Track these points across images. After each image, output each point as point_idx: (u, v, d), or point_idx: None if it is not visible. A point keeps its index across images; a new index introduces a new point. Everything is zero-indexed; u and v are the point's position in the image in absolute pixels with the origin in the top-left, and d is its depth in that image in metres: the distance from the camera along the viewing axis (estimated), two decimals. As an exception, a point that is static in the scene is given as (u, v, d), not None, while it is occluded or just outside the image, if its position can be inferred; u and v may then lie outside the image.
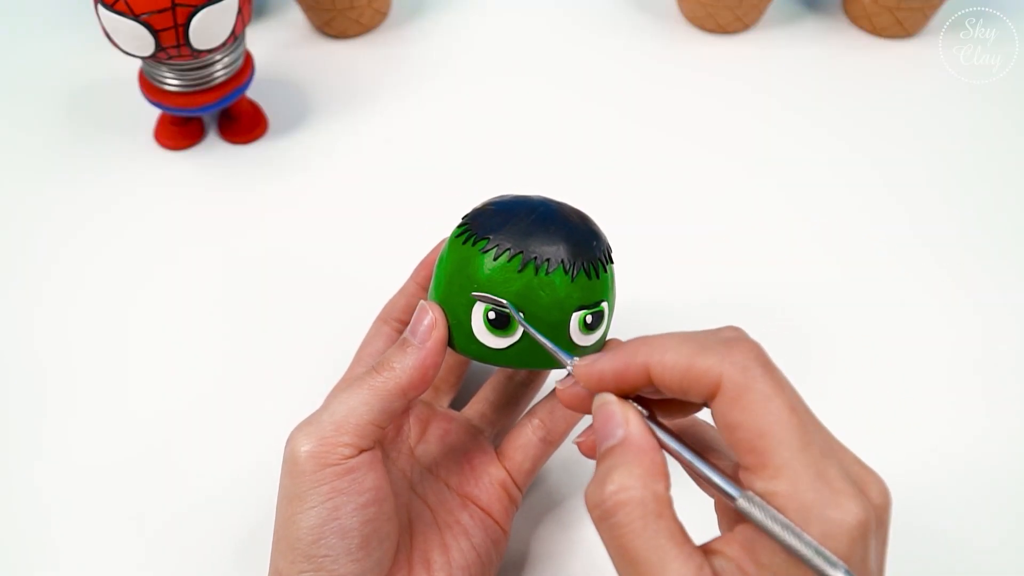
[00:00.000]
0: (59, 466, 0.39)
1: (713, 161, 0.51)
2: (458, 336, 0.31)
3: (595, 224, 0.32)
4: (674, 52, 0.58)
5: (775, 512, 0.22)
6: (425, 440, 0.35)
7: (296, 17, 0.60)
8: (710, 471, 0.24)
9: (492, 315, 0.30)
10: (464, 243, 0.31)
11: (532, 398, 0.38)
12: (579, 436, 0.28)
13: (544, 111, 0.54)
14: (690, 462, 0.25)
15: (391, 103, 0.55)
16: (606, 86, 0.56)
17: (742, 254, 0.47)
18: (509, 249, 0.30)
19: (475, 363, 0.40)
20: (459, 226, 0.32)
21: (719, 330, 0.26)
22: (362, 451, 0.29)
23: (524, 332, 0.30)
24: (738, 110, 0.54)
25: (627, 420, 0.25)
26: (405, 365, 0.30)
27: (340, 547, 0.28)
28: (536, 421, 0.34)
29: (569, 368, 0.28)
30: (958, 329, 0.44)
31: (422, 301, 0.31)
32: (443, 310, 0.31)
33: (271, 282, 0.45)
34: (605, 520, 0.24)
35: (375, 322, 0.38)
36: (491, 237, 0.30)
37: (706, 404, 0.25)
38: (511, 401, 0.37)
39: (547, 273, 0.29)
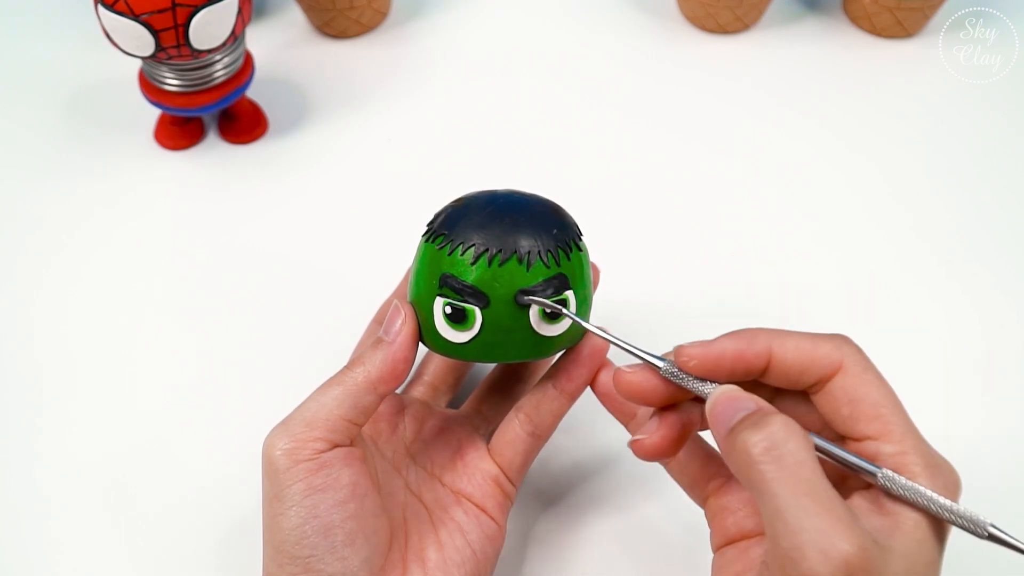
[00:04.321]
0: (56, 463, 0.39)
1: (713, 161, 0.51)
2: (426, 332, 0.31)
3: (563, 211, 0.32)
4: (674, 52, 0.58)
5: (915, 485, 0.25)
6: (420, 438, 0.36)
7: (296, 17, 0.60)
8: (844, 452, 0.27)
9: (448, 309, 0.30)
10: (427, 241, 0.32)
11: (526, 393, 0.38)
12: (636, 436, 0.30)
13: (544, 111, 0.54)
14: (821, 445, 0.27)
15: (391, 103, 0.55)
16: (606, 86, 0.56)
17: (742, 254, 0.47)
18: (462, 243, 0.30)
19: (477, 364, 0.40)
20: (426, 225, 0.33)
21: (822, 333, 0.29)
22: (335, 446, 0.29)
23: (482, 326, 0.30)
24: (738, 110, 0.54)
25: (756, 399, 0.27)
26: (375, 360, 0.30)
27: (323, 545, 0.28)
28: (522, 416, 0.34)
29: (662, 365, 0.29)
30: (958, 329, 0.44)
31: (396, 300, 0.32)
32: (414, 308, 0.32)
33: (271, 282, 0.45)
34: (770, 455, 0.25)
35: (371, 324, 0.38)
36: (447, 233, 0.31)
37: (808, 391, 0.29)
38: (505, 397, 0.37)
39: (500, 264, 0.30)
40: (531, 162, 0.51)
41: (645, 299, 0.44)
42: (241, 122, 0.52)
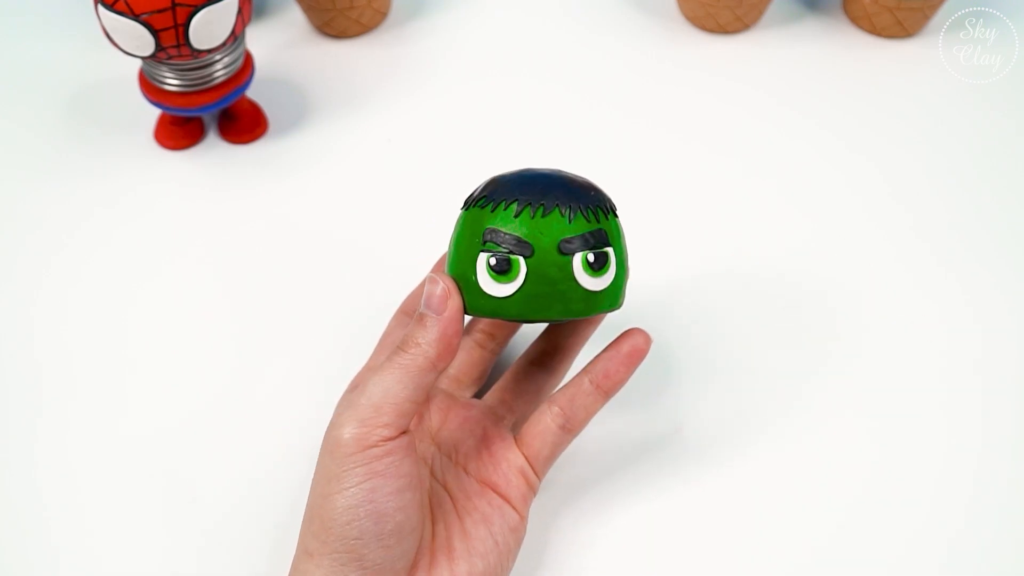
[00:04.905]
0: (55, 466, 0.39)
1: (713, 161, 0.51)
2: (468, 296, 0.31)
3: (595, 184, 0.33)
4: (674, 52, 0.58)
5: None
6: (445, 427, 0.36)
7: (296, 17, 0.60)
8: None
9: (492, 260, 0.30)
10: (467, 210, 0.32)
11: (554, 385, 0.38)
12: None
13: (544, 111, 0.54)
14: None
15: (391, 103, 0.55)
16: (606, 86, 0.56)
17: (742, 254, 0.47)
18: (504, 200, 0.31)
19: (501, 356, 0.40)
20: (464, 203, 0.33)
21: None
22: (402, 433, 0.30)
23: (527, 277, 0.30)
24: (738, 110, 0.54)
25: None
26: (429, 338, 0.30)
27: (372, 531, 0.29)
28: (556, 409, 0.34)
29: None
30: (958, 329, 0.44)
31: (430, 273, 0.32)
32: (453, 278, 0.32)
33: (272, 282, 0.45)
34: None
35: (397, 314, 0.38)
36: (487, 195, 0.32)
37: None
38: (531, 388, 0.37)
39: (543, 216, 0.30)
40: (531, 162, 0.51)
41: (645, 299, 0.44)
42: (241, 122, 0.52)
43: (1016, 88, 0.56)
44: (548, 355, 0.38)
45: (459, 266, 0.32)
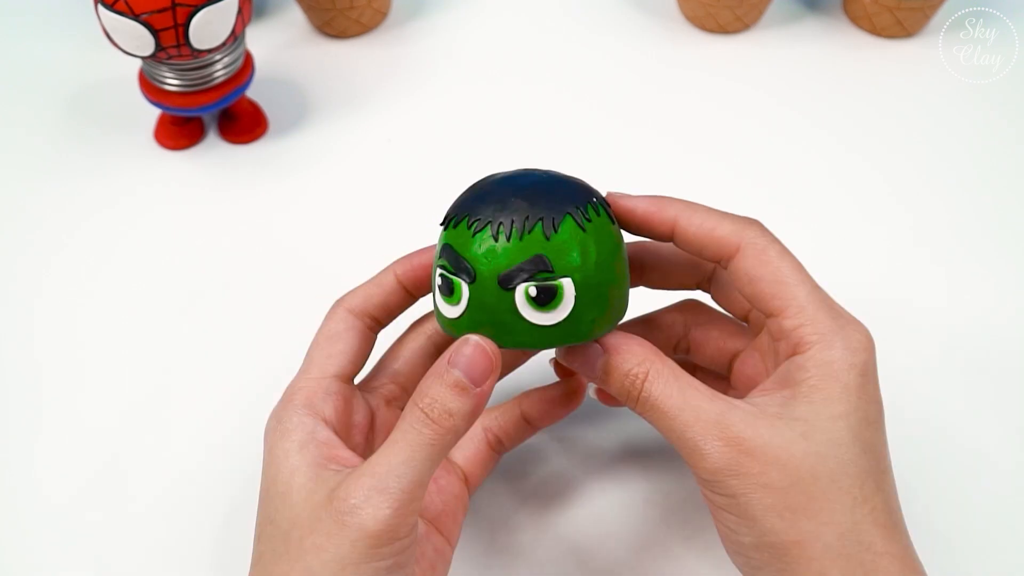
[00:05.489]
0: (57, 464, 0.39)
1: (713, 161, 0.51)
2: (436, 309, 0.29)
3: (578, 181, 0.30)
4: (674, 52, 0.58)
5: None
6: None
7: (296, 17, 0.60)
8: None
9: (439, 280, 0.28)
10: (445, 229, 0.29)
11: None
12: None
13: (544, 111, 0.54)
14: None
15: (391, 103, 0.55)
16: (606, 86, 0.56)
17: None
18: (461, 213, 0.28)
19: None
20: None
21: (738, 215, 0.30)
22: (420, 515, 0.28)
23: (469, 303, 0.27)
24: (738, 110, 0.54)
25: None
26: (464, 412, 0.27)
27: None
28: (486, 431, 0.34)
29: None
30: (957, 330, 0.44)
31: (474, 337, 0.27)
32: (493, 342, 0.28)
33: (271, 281, 0.45)
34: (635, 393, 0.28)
35: (340, 311, 0.33)
36: (459, 203, 0.29)
37: (716, 264, 0.31)
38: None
39: (492, 235, 0.27)
40: (531, 162, 0.51)
41: (643, 300, 0.44)
42: (241, 122, 0.52)
43: (1016, 88, 0.56)
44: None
45: (432, 279, 0.30)
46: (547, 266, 0.27)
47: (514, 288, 0.27)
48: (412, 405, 0.27)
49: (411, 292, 0.33)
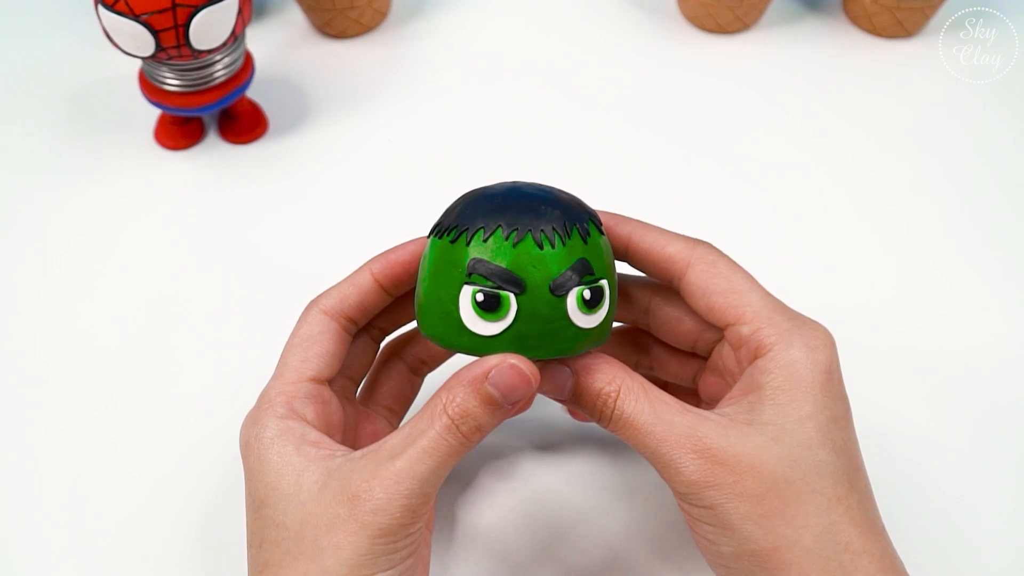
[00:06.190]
0: (59, 464, 0.39)
1: (713, 161, 0.51)
2: (446, 331, 0.28)
3: (576, 197, 0.30)
4: (674, 52, 0.58)
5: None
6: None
7: (296, 17, 0.60)
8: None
9: (480, 297, 0.27)
10: (439, 236, 0.29)
11: None
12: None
13: (544, 111, 0.54)
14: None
15: (391, 103, 0.55)
16: (606, 86, 0.56)
17: (740, 255, 0.47)
18: (486, 225, 0.27)
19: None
20: (433, 228, 0.30)
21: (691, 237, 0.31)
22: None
23: (517, 315, 0.27)
24: (738, 110, 0.54)
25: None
26: (493, 425, 0.27)
27: None
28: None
29: None
30: (956, 331, 0.44)
31: (514, 361, 0.27)
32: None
33: (271, 281, 0.45)
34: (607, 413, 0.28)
35: (315, 313, 0.32)
36: (466, 216, 0.28)
37: (669, 283, 0.31)
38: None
39: (537, 245, 0.27)
40: (531, 162, 0.51)
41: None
42: (241, 122, 0.52)
43: (1016, 88, 0.56)
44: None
45: (435, 296, 0.28)
46: (590, 269, 0.28)
47: (566, 294, 0.27)
48: (441, 412, 0.26)
49: (388, 290, 0.32)
